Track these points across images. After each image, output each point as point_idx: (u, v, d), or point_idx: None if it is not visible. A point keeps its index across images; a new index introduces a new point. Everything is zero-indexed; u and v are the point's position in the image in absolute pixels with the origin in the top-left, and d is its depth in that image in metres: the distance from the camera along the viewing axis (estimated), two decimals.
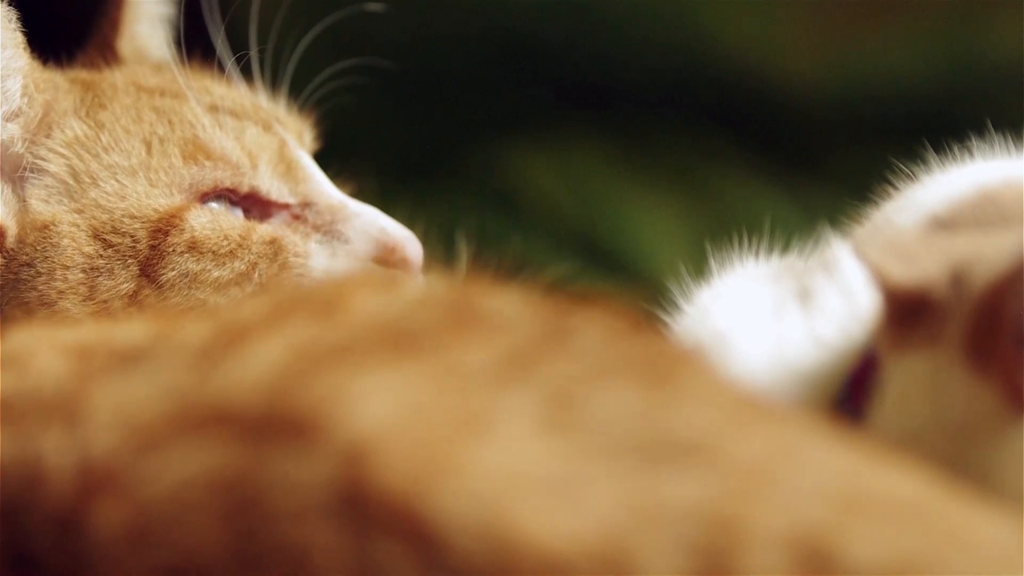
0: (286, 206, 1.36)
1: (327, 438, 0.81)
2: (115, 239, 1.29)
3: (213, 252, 1.30)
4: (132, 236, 1.30)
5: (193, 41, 1.46)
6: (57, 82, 1.36)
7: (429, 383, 0.85)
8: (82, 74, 1.42)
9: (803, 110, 2.72)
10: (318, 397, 0.83)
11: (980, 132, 1.29)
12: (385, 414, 0.82)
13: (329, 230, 1.36)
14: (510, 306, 0.94)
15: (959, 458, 0.98)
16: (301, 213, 1.36)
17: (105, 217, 1.30)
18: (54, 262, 1.28)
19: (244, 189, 1.34)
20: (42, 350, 0.95)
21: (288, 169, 1.37)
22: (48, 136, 1.33)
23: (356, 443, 0.81)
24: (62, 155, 1.32)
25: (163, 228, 1.30)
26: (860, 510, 0.81)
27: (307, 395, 0.83)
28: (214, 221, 1.31)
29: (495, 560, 0.78)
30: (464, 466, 0.80)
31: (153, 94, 1.38)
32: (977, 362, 1.00)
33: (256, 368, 0.86)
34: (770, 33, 2.78)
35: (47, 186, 1.31)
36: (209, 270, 1.30)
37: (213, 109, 1.37)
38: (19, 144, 1.32)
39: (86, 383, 0.89)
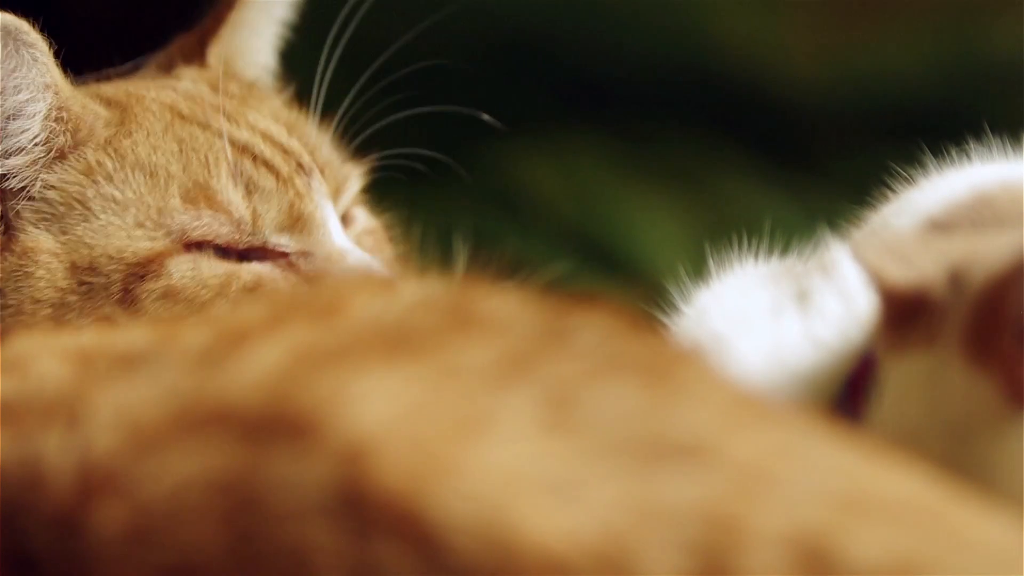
0: (284, 254, 1.34)
1: (326, 439, 0.81)
2: (89, 278, 1.27)
3: (188, 301, 1.28)
4: (107, 277, 1.28)
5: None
6: (89, 107, 1.33)
7: (428, 384, 0.85)
8: (124, 91, 1.39)
9: (803, 111, 2.72)
10: (317, 398, 0.83)
11: (979, 134, 1.30)
12: (384, 415, 0.82)
13: (318, 279, 1.34)
14: (508, 307, 0.94)
15: (957, 457, 0.98)
16: (296, 261, 1.34)
17: (85, 252, 1.28)
18: (24, 294, 1.27)
19: (241, 247, 1.32)
20: (43, 355, 0.95)
21: (295, 223, 1.34)
22: (61, 162, 1.31)
23: (355, 444, 0.81)
24: (66, 183, 1.30)
25: (139, 272, 1.28)
26: (860, 510, 0.81)
27: (306, 396, 0.84)
28: (195, 270, 1.29)
29: (494, 560, 0.78)
30: (463, 466, 0.80)
31: (185, 122, 1.35)
32: (976, 359, 1.00)
33: (256, 370, 0.86)
34: (770, 34, 2.78)
35: (39, 211, 1.29)
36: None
37: (243, 150, 1.35)
38: (28, 171, 1.30)
39: (87, 385, 0.89)
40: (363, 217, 1.46)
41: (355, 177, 1.45)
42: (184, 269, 1.29)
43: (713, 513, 0.80)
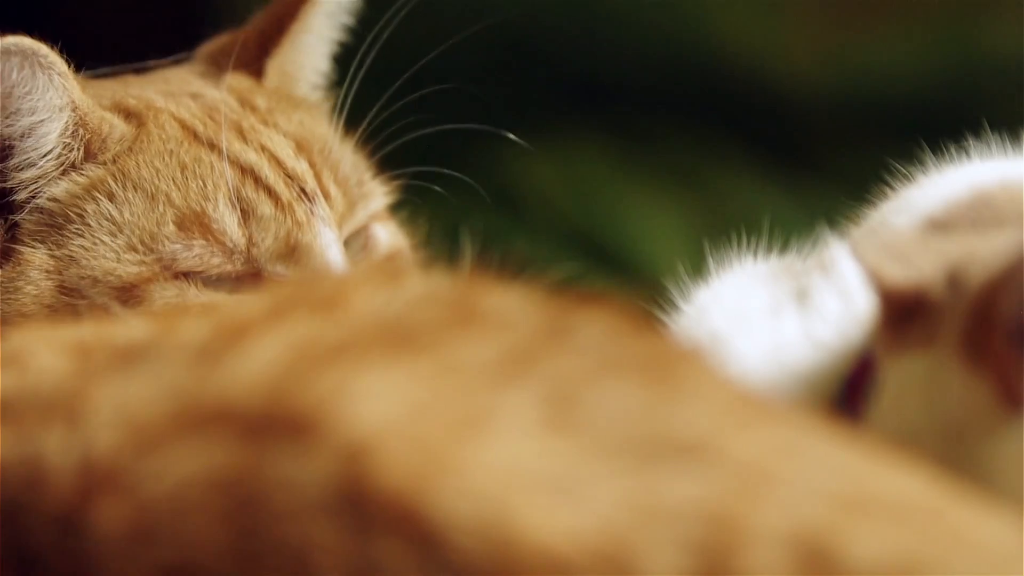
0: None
1: (327, 437, 0.81)
2: (74, 299, 1.27)
3: None
4: (90, 300, 1.27)
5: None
6: (107, 120, 1.33)
7: (430, 381, 0.85)
8: (146, 102, 1.38)
9: (803, 110, 2.72)
10: (318, 396, 0.83)
11: (978, 132, 1.30)
12: (385, 412, 0.82)
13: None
14: (511, 304, 0.94)
15: (955, 458, 0.98)
16: None
17: (75, 271, 1.28)
18: (12, 308, 1.26)
19: (234, 275, 1.31)
20: (41, 349, 0.95)
21: (291, 252, 1.33)
22: (69, 174, 1.31)
23: (356, 441, 0.81)
24: (69, 196, 1.30)
25: (121, 298, 1.28)
26: (860, 509, 0.81)
27: (307, 394, 0.84)
28: (179, 297, 1.29)
29: (495, 558, 0.78)
30: (464, 464, 0.80)
31: (194, 143, 1.34)
32: (971, 361, 1.00)
33: (256, 366, 0.86)
34: (770, 33, 2.78)
35: (40, 223, 1.30)
36: None
37: (247, 173, 1.34)
38: (37, 184, 1.30)
39: (87, 382, 0.89)
40: (386, 238, 1.44)
41: (378, 195, 1.44)
42: (168, 296, 1.29)
43: (714, 512, 0.80)
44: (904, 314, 1.04)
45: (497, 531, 0.78)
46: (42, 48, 1.27)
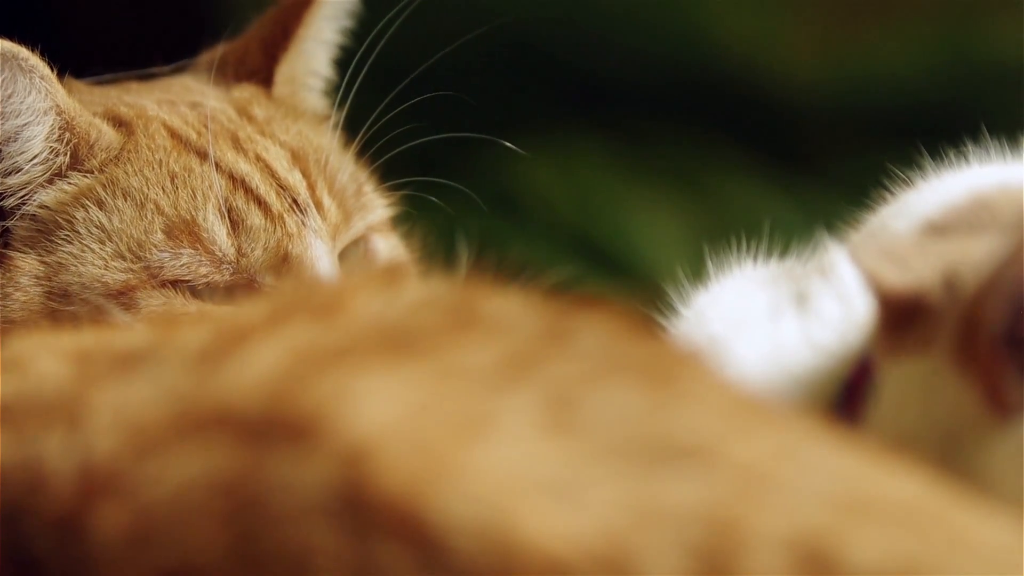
0: None
1: (327, 441, 0.82)
2: (62, 306, 1.27)
3: None
4: (77, 306, 1.27)
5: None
6: (95, 125, 1.33)
7: (429, 385, 0.85)
8: (137, 110, 1.38)
9: (803, 112, 2.72)
10: (318, 400, 0.83)
11: (977, 136, 1.30)
12: (385, 416, 0.82)
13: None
14: (510, 307, 0.94)
15: (951, 462, 0.98)
16: None
17: (63, 277, 1.28)
18: (0, 314, 1.27)
19: (223, 285, 1.31)
20: (42, 355, 0.95)
21: (281, 263, 1.33)
22: (58, 180, 1.31)
23: (356, 445, 0.81)
24: (58, 204, 1.30)
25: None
26: (860, 513, 0.81)
27: (307, 398, 0.84)
28: (166, 306, 1.29)
29: (495, 561, 0.78)
30: (464, 468, 0.80)
31: (185, 152, 1.34)
32: (963, 366, 1.00)
33: (256, 370, 0.86)
34: (770, 35, 2.78)
35: (30, 229, 1.30)
36: None
37: (238, 184, 1.34)
38: (25, 190, 1.30)
39: (87, 386, 0.90)
40: (386, 250, 1.44)
41: (378, 207, 1.44)
42: (154, 304, 1.29)
43: (714, 515, 0.80)
44: (902, 318, 1.04)
45: (497, 534, 0.78)
46: (22, 51, 1.27)
